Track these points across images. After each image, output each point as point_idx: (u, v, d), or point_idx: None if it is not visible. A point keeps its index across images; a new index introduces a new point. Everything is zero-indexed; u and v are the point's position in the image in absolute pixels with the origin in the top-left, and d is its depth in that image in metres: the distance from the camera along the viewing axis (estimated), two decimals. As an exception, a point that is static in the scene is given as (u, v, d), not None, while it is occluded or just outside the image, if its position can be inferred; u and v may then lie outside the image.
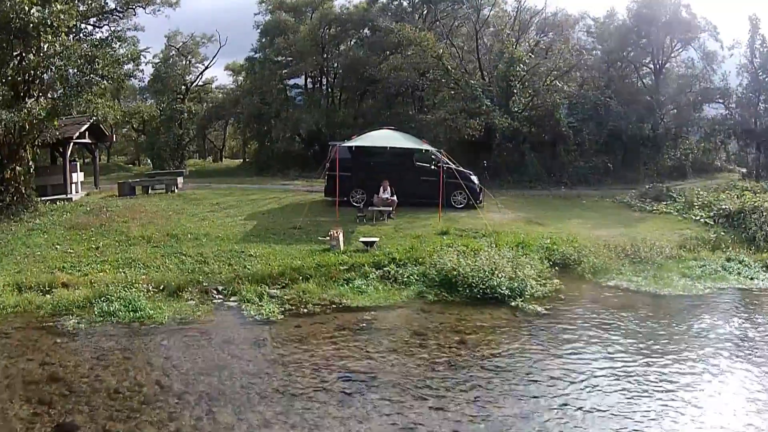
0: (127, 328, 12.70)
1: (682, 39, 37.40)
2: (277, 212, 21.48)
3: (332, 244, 16.29)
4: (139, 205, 23.33)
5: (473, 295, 13.76)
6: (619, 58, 37.80)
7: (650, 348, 11.42)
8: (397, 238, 17.46)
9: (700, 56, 38.13)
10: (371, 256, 15.69)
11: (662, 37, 37.08)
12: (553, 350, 11.31)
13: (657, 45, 37.11)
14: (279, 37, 36.69)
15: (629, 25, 37.38)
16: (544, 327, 12.59)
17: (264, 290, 14.16)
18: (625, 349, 11.33)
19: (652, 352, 11.20)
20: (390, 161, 21.69)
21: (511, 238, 17.83)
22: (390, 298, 13.75)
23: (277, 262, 15.51)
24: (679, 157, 36.43)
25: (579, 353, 11.14)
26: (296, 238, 17.67)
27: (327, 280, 14.45)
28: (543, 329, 12.46)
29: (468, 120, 27.54)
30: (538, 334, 12.16)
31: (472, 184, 22.05)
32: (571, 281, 15.93)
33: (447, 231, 18.07)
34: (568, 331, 12.31)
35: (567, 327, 12.60)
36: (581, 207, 25.33)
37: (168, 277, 15.29)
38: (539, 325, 12.70)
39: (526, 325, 12.68)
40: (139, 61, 27.32)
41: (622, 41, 37.20)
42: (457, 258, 14.73)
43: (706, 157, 39.64)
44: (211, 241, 17.88)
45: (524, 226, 20.15)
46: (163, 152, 40.39)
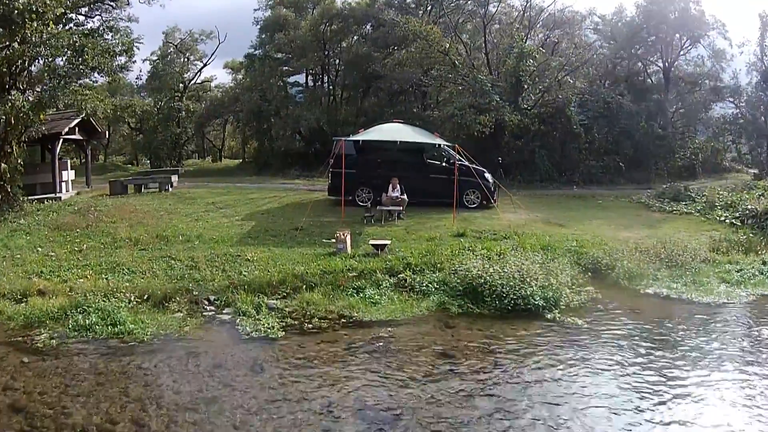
0: (104, 346, 10.56)
1: (692, 36, 35.48)
2: (276, 212, 19.26)
3: (338, 248, 14.09)
4: (129, 205, 21.17)
5: (503, 307, 11.56)
6: (627, 55, 35.87)
7: (720, 368, 9.34)
8: (410, 241, 15.27)
9: (709, 54, 36.31)
10: (383, 260, 13.49)
11: (671, 34, 35.22)
12: (606, 374, 9.16)
13: (666, 42, 35.21)
14: (279, 33, 34.44)
15: (638, 22, 35.46)
16: (588, 344, 10.43)
17: (262, 301, 11.95)
18: (695, 375, 9.18)
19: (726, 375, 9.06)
20: (399, 157, 19.53)
21: (534, 240, 15.70)
22: (407, 310, 11.51)
23: (277, 267, 13.29)
24: (689, 156, 34.38)
25: (638, 377, 8.99)
26: (298, 241, 15.47)
27: (334, 289, 12.24)
28: (588, 347, 10.29)
29: (477, 116, 25.33)
30: (584, 354, 9.97)
31: (487, 183, 19.89)
32: (606, 288, 13.78)
33: (463, 233, 15.90)
34: (617, 350, 10.18)
35: (614, 344, 10.47)
36: (598, 207, 23.25)
37: (154, 284, 13.12)
38: (583, 342, 10.53)
39: (568, 342, 10.49)
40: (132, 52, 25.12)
41: (631, 38, 35.30)
42: (483, 263, 12.50)
43: (714, 156, 37.72)
44: (204, 244, 15.68)
45: (544, 227, 18.01)
46: (160, 151, 38.24)
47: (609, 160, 29.81)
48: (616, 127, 30.14)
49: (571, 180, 28.29)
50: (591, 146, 29.73)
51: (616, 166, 29.76)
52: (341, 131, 27.88)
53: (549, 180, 28.05)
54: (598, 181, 29.03)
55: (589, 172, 29.00)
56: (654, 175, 31.27)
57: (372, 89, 35.26)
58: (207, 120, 38.81)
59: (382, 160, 19.45)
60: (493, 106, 25.81)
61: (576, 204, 23.46)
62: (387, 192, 18.26)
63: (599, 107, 29.63)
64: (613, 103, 29.47)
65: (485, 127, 25.21)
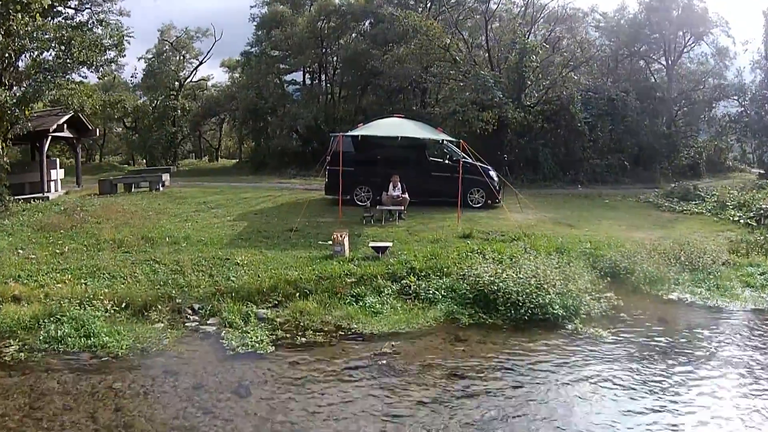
0: (76, 361, 9.28)
1: (696, 34, 34.22)
2: (270, 212, 17.86)
3: (336, 250, 12.70)
4: (117, 205, 19.78)
5: (518, 317, 10.19)
6: (629, 53, 34.58)
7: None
8: (412, 243, 13.87)
9: (713, 52, 35.07)
10: (384, 265, 12.08)
11: (674, 31, 33.95)
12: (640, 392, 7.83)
13: (669, 40, 33.92)
14: (276, 30, 33.00)
15: (641, 19, 34.18)
16: (616, 359, 9.08)
17: (251, 310, 10.57)
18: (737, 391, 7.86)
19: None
20: (399, 154, 18.14)
21: (545, 242, 14.31)
22: (412, 321, 10.09)
23: (269, 272, 11.88)
24: (693, 155, 33.10)
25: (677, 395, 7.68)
26: (292, 243, 14.07)
27: (330, 297, 10.84)
28: (616, 362, 8.94)
29: (480, 113, 23.93)
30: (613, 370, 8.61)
31: (492, 181, 18.52)
32: (627, 294, 12.41)
33: (470, 234, 14.51)
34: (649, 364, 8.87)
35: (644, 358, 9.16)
36: (606, 207, 21.92)
37: (135, 290, 11.76)
38: (610, 356, 9.18)
39: (593, 357, 9.13)
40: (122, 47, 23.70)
41: (634, 36, 34.04)
42: (495, 268, 11.11)
43: (717, 155, 36.48)
44: (192, 246, 14.28)
45: (553, 227, 16.66)
46: (155, 150, 36.76)
47: (613, 158, 28.47)
48: (620, 125, 28.79)
49: (576, 179, 26.94)
50: (595, 144, 28.39)
51: (621, 165, 28.42)
52: (339, 129, 26.41)
53: (553, 179, 26.69)
54: (602, 180, 27.70)
55: (594, 171, 27.65)
56: (659, 175, 30.00)
57: (370, 87, 33.84)
58: (202, 119, 37.36)
59: (381, 157, 18.08)
60: (496, 102, 24.43)
61: (583, 203, 22.12)
62: (387, 191, 16.87)
63: (603, 105, 28.26)
64: (618, 101, 28.09)
65: (488, 124, 23.83)
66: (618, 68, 35.15)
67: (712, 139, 35.69)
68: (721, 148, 36.17)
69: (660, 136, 30.31)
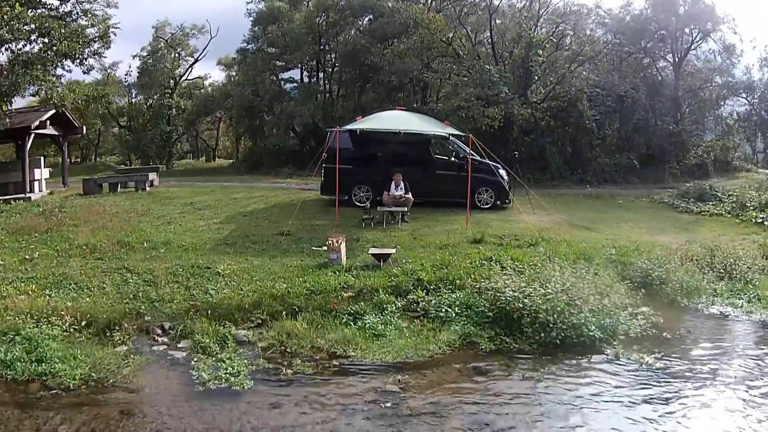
0: (21, 394, 7.49)
1: (703, 30, 32.27)
2: (262, 214, 15.89)
3: (331, 258, 10.74)
4: (99, 206, 17.90)
5: (548, 340, 8.24)
6: (636, 50, 32.62)
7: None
8: (418, 249, 11.92)
9: (721, 48, 33.12)
10: (386, 275, 10.12)
11: (681, 28, 32.03)
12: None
13: (675, 37, 31.99)
14: (273, 26, 30.96)
15: (647, 16, 32.24)
16: (677, 394, 7.16)
17: (229, 332, 8.64)
18: None
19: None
20: (402, 151, 16.20)
21: (565, 247, 12.36)
22: (422, 346, 8.10)
23: (253, 285, 9.93)
24: (701, 154, 31.18)
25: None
26: (282, 249, 12.11)
27: (324, 316, 8.87)
28: (678, 400, 7.01)
29: (485, 109, 21.97)
30: (679, 411, 6.68)
31: (501, 180, 16.59)
32: (663, 308, 10.51)
33: (481, 238, 12.55)
34: (714, 399, 6.92)
35: (709, 391, 7.25)
36: (620, 207, 20.00)
37: (100, 305, 9.88)
38: (669, 392, 7.25)
39: (647, 392, 7.21)
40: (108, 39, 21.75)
41: (639, 32, 32.07)
42: (517, 281, 9.16)
43: (724, 155, 34.56)
44: (171, 253, 12.35)
45: (571, 231, 14.73)
46: (149, 150, 34.72)
47: (622, 157, 26.51)
48: (629, 123, 26.82)
49: (584, 178, 25.00)
50: (602, 143, 26.45)
51: (630, 164, 26.46)
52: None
53: (560, 178, 24.73)
54: (611, 179, 25.76)
55: (602, 170, 25.70)
56: (668, 174, 28.12)
57: (370, 85, 31.82)
58: (197, 117, 35.32)
59: (382, 154, 16.13)
60: (502, 98, 22.45)
61: (596, 204, 20.20)
62: (389, 190, 14.90)
63: (611, 102, 26.30)
64: (627, 98, 26.13)
65: (494, 121, 21.85)
66: (622, 65, 33.23)
67: (719, 138, 33.82)
68: (728, 147, 34.29)
69: (669, 135, 28.36)
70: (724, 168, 33.66)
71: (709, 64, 33.93)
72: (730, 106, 35.08)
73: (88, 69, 23.13)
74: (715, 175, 31.50)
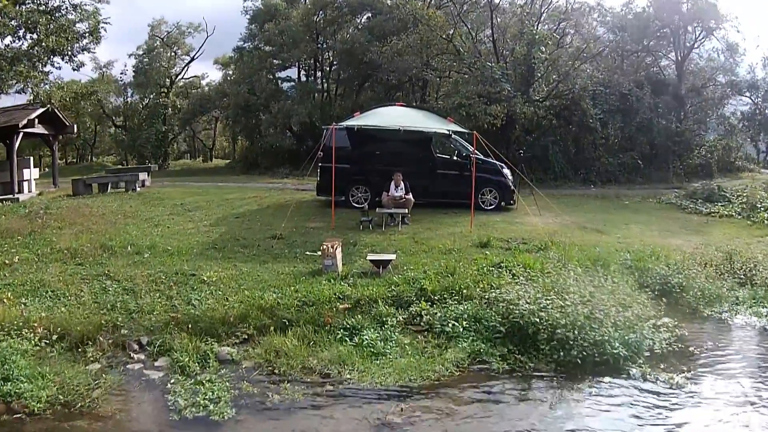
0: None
1: (706, 28, 31.27)
2: (254, 216, 14.87)
3: (326, 265, 9.73)
4: (86, 207, 16.91)
5: (568, 359, 7.24)
6: (638, 48, 31.61)
7: None
8: (420, 254, 10.91)
9: (724, 47, 32.12)
10: (386, 284, 9.12)
11: (684, 26, 31.04)
12: None
13: (679, 34, 31.00)
14: (270, 23, 29.90)
15: (649, 14, 31.23)
16: (719, 420, 6.20)
17: (211, 348, 7.64)
18: None
19: None
20: (402, 149, 15.20)
21: (578, 251, 11.37)
22: (426, 367, 7.08)
23: (240, 295, 8.92)
24: (704, 154, 30.23)
25: None
26: (274, 254, 11.10)
27: (317, 330, 7.87)
28: (721, 425, 6.04)
29: (487, 106, 20.95)
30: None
31: (505, 180, 15.63)
32: (685, 319, 9.56)
33: (487, 242, 11.56)
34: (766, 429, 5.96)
35: (748, 417, 6.29)
36: (627, 209, 19.02)
37: (76, 316, 8.94)
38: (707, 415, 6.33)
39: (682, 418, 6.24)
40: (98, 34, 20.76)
41: (642, 30, 31.05)
42: (531, 291, 8.16)
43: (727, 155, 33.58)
44: (156, 258, 11.34)
45: (581, 233, 13.74)
46: (144, 149, 33.66)
47: (626, 157, 25.51)
48: (633, 122, 25.82)
49: (587, 178, 24.01)
50: (606, 142, 25.46)
51: (634, 164, 25.46)
52: (335, 126, 23.46)
53: (564, 178, 23.74)
54: (615, 179, 24.77)
55: (606, 170, 24.70)
56: (672, 174, 27.18)
57: (368, 84, 30.79)
58: (192, 116, 34.24)
59: (381, 153, 15.11)
60: (504, 95, 21.43)
61: (602, 205, 19.22)
62: (388, 191, 13.90)
63: (614, 100, 25.30)
64: (632, 96, 25.13)
65: (496, 119, 20.84)
66: (624, 64, 32.24)
67: (721, 138, 32.82)
68: (731, 147, 33.30)
69: (673, 134, 27.37)
70: (726, 168, 32.69)
71: (712, 63, 32.95)
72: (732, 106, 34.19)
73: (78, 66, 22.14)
74: (719, 176, 30.59)
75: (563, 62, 24.42)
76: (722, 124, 33.50)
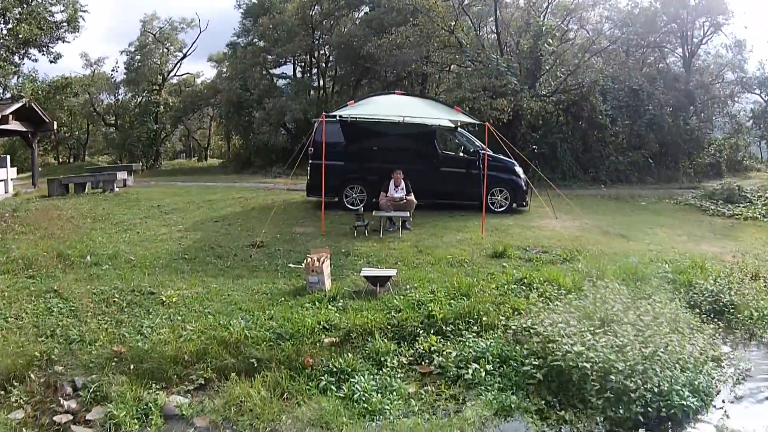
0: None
1: (715, 24, 29.31)
2: (236, 219, 12.86)
3: (310, 282, 7.72)
4: (56, 209, 14.98)
5: (627, 416, 5.24)
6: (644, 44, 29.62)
7: None
8: (425, 267, 8.91)
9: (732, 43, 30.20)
10: (385, 307, 7.10)
11: (692, 21, 29.07)
12: None
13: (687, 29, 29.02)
14: (264, 17, 27.86)
15: (656, 8, 29.25)
16: None
17: (155, 400, 5.61)
18: None
19: None
20: (402, 144, 13.20)
21: (608, 262, 9.37)
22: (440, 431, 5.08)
23: (202, 321, 6.91)
24: (713, 153, 28.33)
25: None
26: (252, 266, 9.09)
27: (294, 376, 5.84)
28: None
29: (493, 100, 18.94)
30: None
31: (518, 179, 13.64)
32: (743, 345, 7.60)
33: (504, 251, 9.57)
34: None
35: None
36: (646, 210, 17.04)
37: (9, 345, 7.07)
38: None
39: None
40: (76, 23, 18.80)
41: (649, 25, 29.10)
42: (570, 317, 6.16)
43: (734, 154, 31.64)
44: (116, 269, 9.36)
45: (606, 240, 11.75)
46: (135, 148, 31.61)
47: (636, 155, 23.52)
48: (643, 119, 23.83)
49: (597, 178, 22.03)
50: (615, 140, 23.48)
51: (645, 162, 23.48)
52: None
53: (572, 178, 21.74)
54: (627, 179, 22.79)
55: (616, 169, 22.70)
56: (682, 173, 25.24)
57: (365, 80, 28.78)
58: (183, 114, 32.17)
59: (379, 148, 13.10)
60: (510, 89, 19.41)
61: (619, 207, 17.24)
62: (386, 191, 11.87)
63: (624, 96, 23.31)
64: (642, 91, 23.13)
65: (503, 114, 18.83)
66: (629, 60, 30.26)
67: (729, 137, 30.88)
68: (739, 145, 31.36)
69: (684, 132, 25.40)
70: (735, 167, 30.88)
71: (720, 59, 31.05)
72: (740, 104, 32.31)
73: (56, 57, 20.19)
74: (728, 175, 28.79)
75: (572, 54, 22.38)
76: (729, 123, 31.63)
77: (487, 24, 23.94)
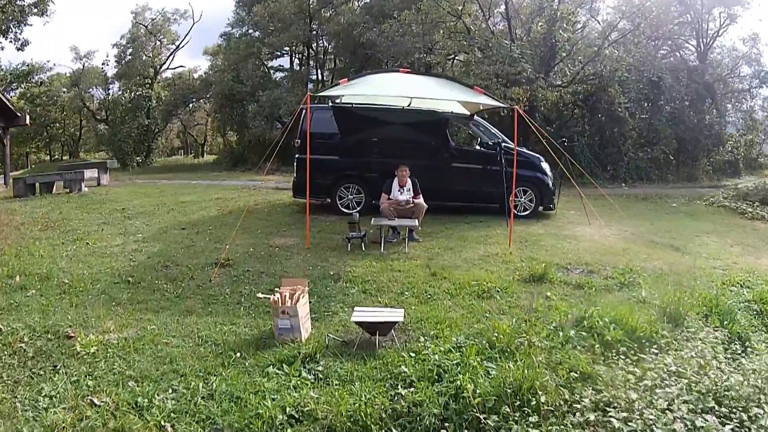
0: None
1: (730, 15, 26.72)
2: (207, 226, 10.30)
3: (279, 328, 5.14)
4: (9, 213, 12.65)
5: None
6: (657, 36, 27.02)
7: None
8: (442, 298, 6.35)
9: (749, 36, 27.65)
10: (386, 376, 4.51)
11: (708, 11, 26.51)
12: None
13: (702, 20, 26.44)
14: (258, 5, 25.23)
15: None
16: None
17: None
18: None
19: None
20: (407, 135, 10.62)
21: (677, 288, 6.81)
22: None
23: (115, 396, 4.34)
24: (730, 150, 25.86)
25: None
26: (210, 294, 6.52)
27: None
28: None
29: (507, 89, 16.38)
30: None
31: (545, 177, 11.13)
32: None
33: (543, 273, 7.00)
34: None
35: None
36: (680, 213, 14.59)
37: None
38: None
39: None
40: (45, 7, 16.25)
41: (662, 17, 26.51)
42: (682, 412, 3.61)
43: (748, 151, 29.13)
44: (41, 297, 6.86)
45: (653, 252, 9.22)
46: (125, 145, 29.04)
47: (656, 151, 20.97)
48: (662, 112, 21.27)
49: (616, 175, 19.49)
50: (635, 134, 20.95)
51: (666, 159, 20.94)
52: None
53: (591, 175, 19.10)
54: (647, 177, 20.30)
55: (636, 166, 20.15)
56: (701, 171, 22.79)
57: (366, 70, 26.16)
58: (174, 108, 29.58)
59: (380, 139, 10.55)
60: (525, 77, 16.83)
61: (650, 209, 14.77)
62: (389, 192, 9.26)
63: (642, 88, 20.73)
64: (663, 84, 20.54)
65: (518, 103, 16.27)
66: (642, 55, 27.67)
67: (745, 133, 28.35)
68: (755, 142, 28.82)
69: (704, 127, 22.87)
70: (750, 165, 28.45)
71: (735, 52, 28.48)
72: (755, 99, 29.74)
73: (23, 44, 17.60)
74: (745, 173, 26.38)
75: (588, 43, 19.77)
76: (744, 118, 29.12)
77: (499, 7, 21.34)
